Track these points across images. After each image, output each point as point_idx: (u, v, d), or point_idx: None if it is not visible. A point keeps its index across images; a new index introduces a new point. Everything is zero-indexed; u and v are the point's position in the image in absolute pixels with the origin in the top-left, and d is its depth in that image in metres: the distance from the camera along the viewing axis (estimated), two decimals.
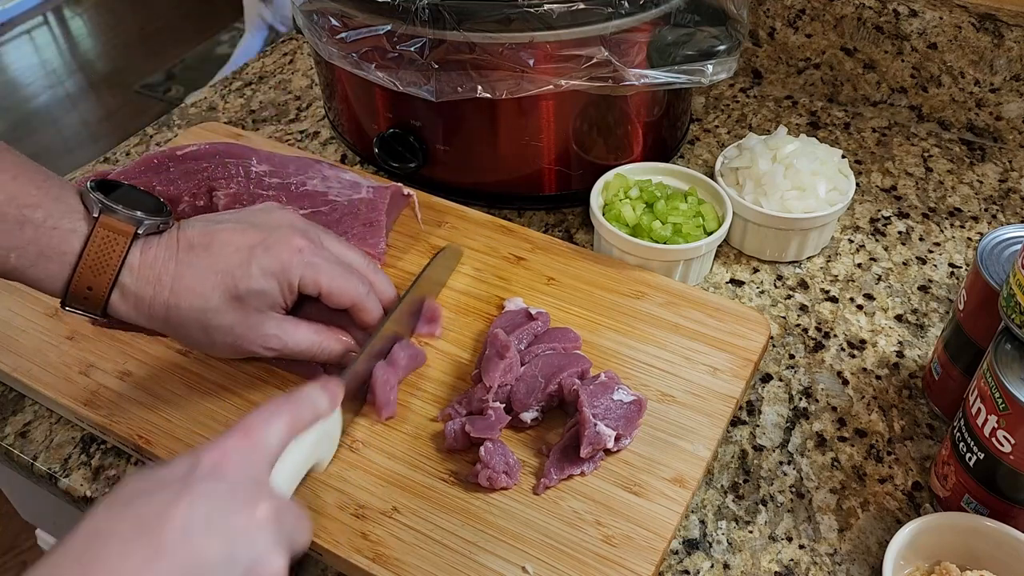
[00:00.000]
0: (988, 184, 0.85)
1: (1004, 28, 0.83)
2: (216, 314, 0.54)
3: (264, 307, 0.55)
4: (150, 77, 3.08)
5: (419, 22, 0.66)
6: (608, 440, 0.55)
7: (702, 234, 0.71)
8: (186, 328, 0.54)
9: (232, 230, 0.55)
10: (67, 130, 2.89)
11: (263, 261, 0.54)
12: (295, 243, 0.56)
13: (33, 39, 3.41)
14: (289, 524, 0.43)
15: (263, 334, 0.56)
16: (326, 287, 0.56)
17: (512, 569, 0.51)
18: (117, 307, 0.53)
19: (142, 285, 0.53)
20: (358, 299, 0.58)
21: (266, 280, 0.54)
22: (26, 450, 0.63)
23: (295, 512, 0.44)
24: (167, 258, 0.53)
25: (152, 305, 0.53)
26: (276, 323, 0.56)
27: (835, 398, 0.66)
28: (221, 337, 0.55)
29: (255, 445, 0.44)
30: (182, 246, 0.54)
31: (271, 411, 0.46)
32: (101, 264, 0.51)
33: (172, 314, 0.53)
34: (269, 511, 0.41)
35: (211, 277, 0.53)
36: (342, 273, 0.57)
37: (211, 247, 0.54)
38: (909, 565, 0.53)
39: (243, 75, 1.05)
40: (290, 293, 0.56)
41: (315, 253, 0.56)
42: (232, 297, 0.54)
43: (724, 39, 0.70)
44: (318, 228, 0.60)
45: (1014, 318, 0.50)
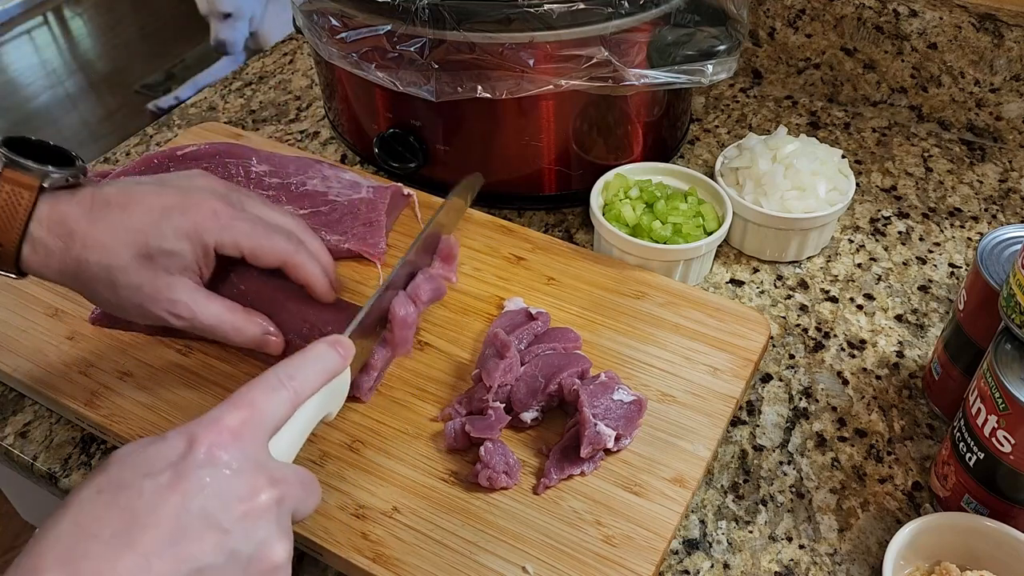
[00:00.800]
0: (988, 184, 0.85)
1: (1004, 28, 0.83)
2: (124, 272, 0.53)
3: (175, 270, 0.54)
4: (150, 77, 3.08)
5: (419, 22, 0.66)
6: (608, 440, 0.55)
7: (702, 234, 0.72)
8: (95, 284, 0.54)
9: (150, 191, 0.55)
10: (67, 130, 2.89)
11: (177, 221, 0.54)
12: (211, 205, 0.55)
13: (33, 39, 3.41)
14: (293, 497, 0.41)
15: (171, 299, 0.55)
16: (246, 246, 0.56)
17: (512, 569, 0.51)
18: (29, 260, 0.53)
19: (52, 239, 0.52)
20: (285, 255, 0.57)
21: (178, 241, 0.54)
22: (26, 450, 0.63)
23: (299, 480, 0.42)
24: (80, 214, 0.53)
25: (63, 259, 0.53)
26: (187, 291, 0.55)
27: (835, 398, 0.66)
28: (128, 296, 0.54)
29: (255, 421, 0.41)
30: (97, 203, 0.53)
31: (276, 381, 0.43)
32: (7, 218, 0.51)
33: (82, 269, 0.53)
34: (270, 497, 0.39)
35: (123, 234, 0.53)
36: (263, 231, 0.56)
37: (127, 206, 0.53)
38: (909, 565, 0.53)
39: (243, 75, 1.05)
40: (205, 257, 0.55)
41: (233, 216, 0.56)
42: (142, 255, 0.53)
43: (724, 39, 0.70)
44: (241, 192, 0.59)
45: (1014, 318, 0.50)
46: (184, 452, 0.39)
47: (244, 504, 0.38)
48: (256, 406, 0.42)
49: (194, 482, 0.38)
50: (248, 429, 0.41)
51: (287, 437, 0.44)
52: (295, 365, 0.45)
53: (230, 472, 0.39)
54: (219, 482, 0.38)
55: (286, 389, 0.44)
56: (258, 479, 0.40)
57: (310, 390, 0.45)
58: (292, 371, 0.45)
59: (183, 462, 0.38)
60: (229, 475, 0.39)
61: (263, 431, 0.42)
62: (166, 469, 0.38)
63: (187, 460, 0.38)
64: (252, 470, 0.40)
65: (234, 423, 0.40)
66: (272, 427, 0.42)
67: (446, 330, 0.66)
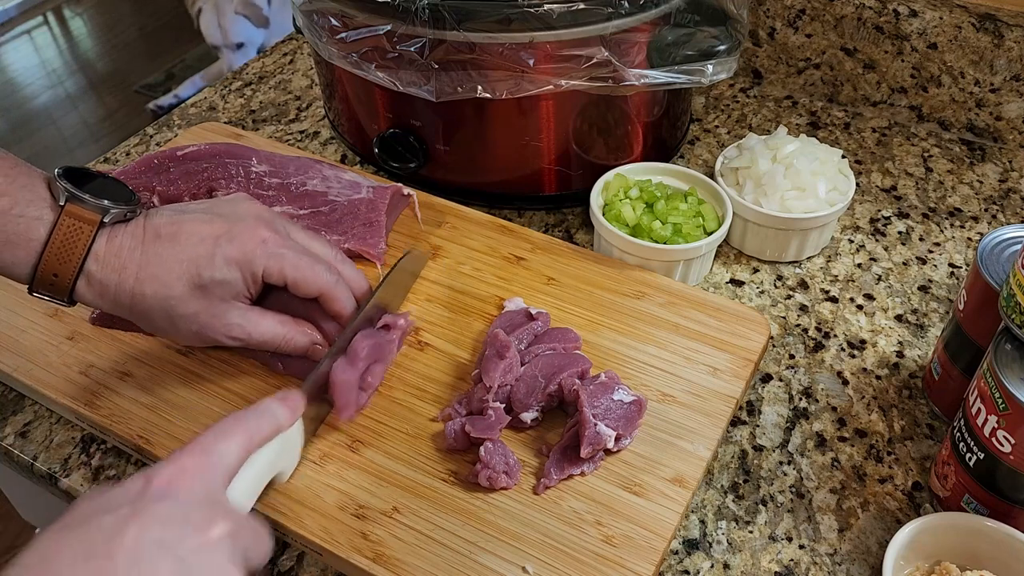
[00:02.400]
0: (988, 184, 0.85)
1: (1004, 28, 0.83)
2: (180, 302, 0.54)
3: (228, 296, 0.56)
4: (150, 77, 3.08)
5: (419, 22, 0.66)
6: (608, 440, 0.55)
7: (702, 234, 0.72)
8: (151, 316, 0.55)
9: (198, 220, 0.56)
10: (67, 130, 2.89)
11: (227, 250, 0.55)
12: (260, 234, 0.56)
13: (33, 39, 3.41)
14: (246, 540, 0.42)
15: (227, 323, 0.56)
16: (291, 276, 0.57)
17: (512, 569, 0.51)
18: (83, 294, 0.54)
19: (107, 273, 0.53)
20: (325, 288, 0.58)
21: (229, 269, 0.55)
22: (26, 450, 0.63)
23: (253, 528, 0.43)
24: (133, 246, 0.54)
25: (117, 292, 0.54)
26: (240, 313, 0.57)
27: (835, 398, 0.66)
28: (185, 325, 0.56)
29: (210, 463, 0.44)
30: (148, 235, 0.54)
31: (227, 427, 0.46)
32: (66, 252, 0.52)
33: (137, 302, 0.54)
34: (224, 531, 0.41)
35: (176, 266, 0.54)
36: (308, 263, 0.58)
37: (177, 237, 0.54)
38: (909, 565, 0.53)
39: (243, 75, 1.05)
40: (254, 283, 0.57)
41: (280, 244, 0.57)
42: (196, 286, 0.54)
43: (724, 39, 0.70)
44: (285, 220, 0.60)
45: (1014, 318, 0.50)
46: (141, 489, 0.41)
47: (199, 535, 0.40)
48: (209, 450, 0.44)
49: (150, 514, 0.39)
50: (203, 468, 0.43)
51: (240, 487, 0.46)
52: (246, 415, 0.48)
53: (185, 505, 0.41)
54: (174, 514, 0.40)
55: (238, 434, 0.46)
56: (213, 512, 0.41)
57: (261, 437, 0.48)
58: (243, 420, 0.47)
59: (140, 498, 0.40)
60: (184, 508, 0.41)
61: (217, 471, 0.44)
62: (124, 505, 0.40)
63: (144, 496, 0.40)
64: (207, 505, 0.42)
65: (189, 463, 0.43)
66: (227, 469, 0.45)
67: (446, 330, 0.66)
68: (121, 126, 2.86)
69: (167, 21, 3.43)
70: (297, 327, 0.60)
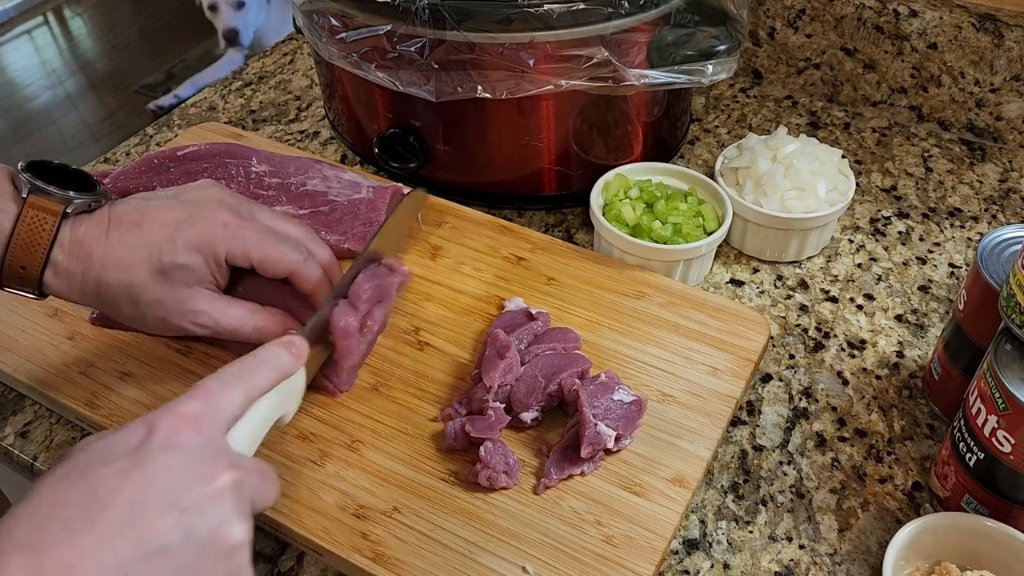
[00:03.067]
0: (988, 184, 0.85)
1: (1004, 28, 0.83)
2: (144, 289, 0.54)
3: (191, 282, 0.56)
4: (150, 77, 3.08)
5: (419, 22, 0.66)
6: (608, 440, 0.55)
7: (702, 234, 0.72)
8: (117, 303, 0.55)
9: (160, 207, 0.56)
10: (67, 130, 2.89)
11: (187, 235, 0.55)
12: (220, 217, 0.56)
13: (33, 39, 3.41)
14: (252, 486, 0.41)
15: (192, 310, 0.56)
16: (256, 257, 0.57)
17: (512, 569, 0.51)
18: (51, 284, 0.54)
19: (73, 262, 0.53)
20: (293, 266, 0.58)
21: (190, 254, 0.55)
22: (26, 450, 0.63)
23: (258, 470, 0.43)
24: (97, 234, 0.54)
25: (84, 281, 0.54)
26: (206, 299, 0.57)
27: (835, 398, 0.66)
28: (151, 312, 0.55)
29: (212, 411, 0.42)
30: (112, 223, 0.54)
31: (230, 374, 0.45)
32: (32, 243, 0.52)
33: (103, 290, 0.54)
34: (228, 480, 0.40)
35: (139, 252, 0.54)
36: (272, 242, 0.57)
37: (140, 224, 0.54)
38: (909, 565, 0.53)
39: (243, 75, 1.05)
40: (218, 267, 0.56)
41: (242, 226, 0.57)
42: (158, 271, 0.54)
43: (724, 39, 0.70)
44: (251, 203, 0.60)
45: (1014, 318, 0.50)
46: (143, 438, 0.40)
47: (202, 485, 0.39)
48: (212, 396, 0.43)
49: (152, 465, 0.38)
50: (205, 417, 0.42)
51: (244, 431, 0.45)
52: (250, 361, 0.47)
53: (188, 455, 0.40)
54: (177, 464, 0.39)
55: (240, 381, 0.45)
56: (216, 462, 0.40)
57: (264, 386, 0.47)
58: (246, 366, 0.46)
59: (142, 448, 0.39)
60: (187, 458, 0.40)
61: (220, 420, 0.43)
62: (126, 455, 0.39)
63: (146, 445, 0.39)
64: (210, 454, 0.41)
65: (192, 411, 0.42)
66: (228, 417, 0.44)
67: (446, 330, 0.66)
68: (121, 126, 2.86)
69: (167, 21, 3.43)
70: (268, 315, 0.59)
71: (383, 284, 0.60)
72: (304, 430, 0.59)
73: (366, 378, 0.63)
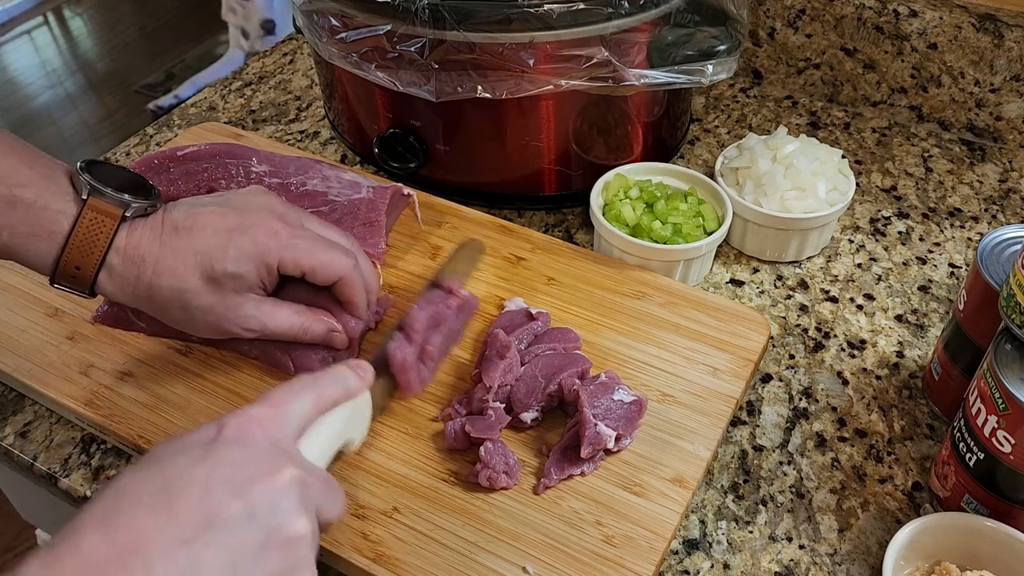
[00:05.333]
0: (988, 184, 0.85)
1: (1004, 28, 0.83)
2: (195, 295, 0.55)
3: (242, 289, 0.56)
4: (150, 77, 3.08)
5: (419, 22, 0.66)
6: (608, 440, 0.55)
7: (702, 234, 0.72)
8: (168, 308, 0.56)
9: (212, 213, 0.56)
10: (67, 130, 2.89)
11: (240, 243, 0.55)
12: (272, 226, 0.56)
13: (33, 39, 3.41)
14: (318, 491, 0.43)
15: (242, 315, 0.57)
16: (307, 265, 0.57)
17: (512, 569, 0.51)
18: (104, 286, 0.54)
19: (128, 266, 0.54)
20: (343, 272, 0.58)
21: (242, 263, 0.55)
22: (26, 450, 0.63)
23: (326, 480, 0.44)
24: (151, 239, 0.54)
25: (136, 285, 0.54)
26: (255, 304, 0.57)
27: (835, 398, 0.66)
28: (201, 317, 0.56)
29: (280, 415, 0.44)
30: (166, 228, 0.55)
31: (299, 386, 0.47)
32: (89, 245, 0.53)
33: (154, 294, 0.55)
34: (293, 476, 0.41)
35: (190, 259, 0.54)
36: (323, 249, 0.58)
37: (192, 229, 0.55)
38: (909, 565, 0.53)
39: (243, 75, 1.05)
40: (268, 275, 0.57)
41: (292, 234, 0.57)
42: (209, 279, 0.55)
43: (724, 39, 0.70)
44: (299, 211, 0.61)
45: (1014, 318, 0.50)
46: (215, 435, 0.42)
47: (268, 478, 0.41)
48: (281, 404, 0.45)
49: (222, 456, 0.41)
50: (274, 420, 0.44)
51: (312, 445, 0.46)
52: (319, 376, 0.49)
53: (254, 450, 0.42)
54: (243, 456, 0.41)
55: (309, 391, 0.47)
56: (281, 459, 0.42)
57: (331, 399, 0.49)
58: (315, 380, 0.48)
59: (213, 442, 0.41)
60: (253, 452, 0.42)
61: (288, 424, 0.45)
62: (198, 447, 0.41)
63: (217, 440, 0.42)
64: (275, 451, 0.43)
65: (260, 414, 0.44)
66: (297, 423, 0.45)
67: None
68: (121, 126, 2.86)
69: (167, 21, 3.43)
70: (313, 315, 0.60)
71: (439, 311, 0.62)
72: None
73: None
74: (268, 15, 2.64)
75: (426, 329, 0.60)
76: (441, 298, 0.63)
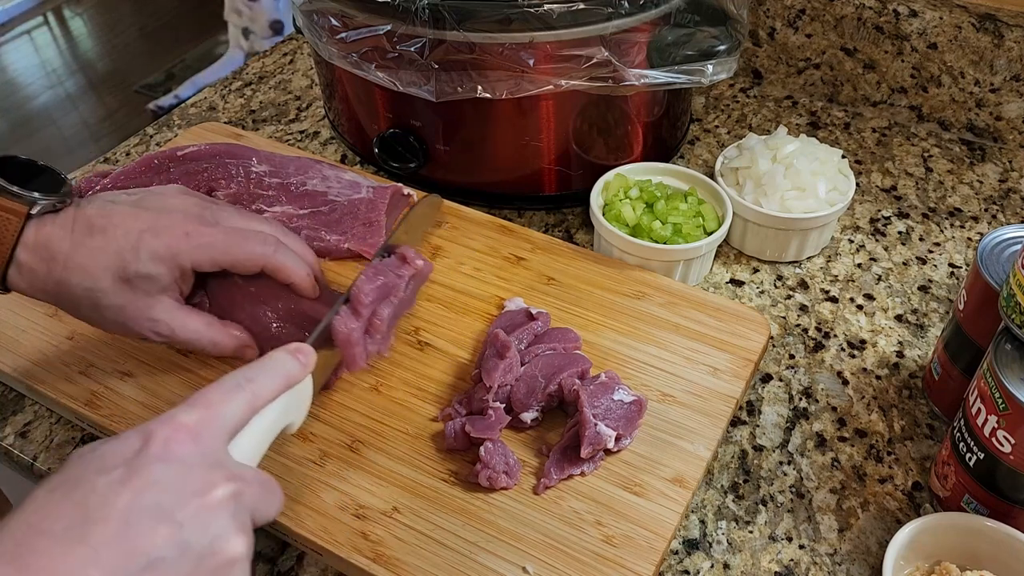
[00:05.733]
0: (988, 184, 0.85)
1: (1004, 28, 0.83)
2: (105, 294, 0.55)
3: (154, 291, 0.56)
4: (150, 77, 3.08)
5: (419, 22, 0.66)
6: (608, 440, 0.55)
7: (702, 234, 0.72)
8: (77, 305, 0.56)
9: (126, 213, 0.56)
10: (67, 130, 2.89)
11: (151, 245, 0.55)
12: (183, 227, 0.56)
13: (33, 39, 3.41)
14: (252, 497, 0.40)
15: (151, 318, 0.56)
16: (224, 261, 0.57)
17: (512, 569, 0.51)
18: (14, 282, 0.55)
19: (37, 262, 0.54)
20: (262, 260, 0.58)
21: (154, 265, 0.55)
22: (26, 450, 0.63)
23: (260, 482, 0.42)
24: (62, 237, 0.54)
25: (46, 281, 0.54)
26: (166, 309, 0.57)
27: (835, 398, 0.66)
28: (112, 316, 0.56)
29: (212, 419, 0.41)
30: (78, 226, 0.55)
31: (234, 382, 0.44)
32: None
33: (63, 290, 0.55)
34: (225, 493, 0.39)
35: (102, 258, 0.54)
36: (237, 242, 0.57)
37: (106, 229, 0.55)
38: (909, 565, 0.53)
39: (243, 75, 1.05)
40: (183, 277, 0.57)
41: (204, 234, 0.57)
42: (121, 279, 0.55)
43: (724, 39, 0.70)
44: (217, 205, 0.60)
45: (1014, 318, 0.50)
46: (139, 449, 0.38)
47: (198, 498, 0.38)
48: (213, 406, 0.42)
49: (147, 476, 0.37)
50: (205, 427, 0.41)
51: (248, 441, 0.44)
52: (255, 369, 0.46)
53: (185, 467, 0.39)
54: (173, 476, 0.38)
55: (244, 391, 0.44)
56: (213, 474, 0.39)
57: (269, 394, 0.46)
58: (251, 375, 0.45)
59: (137, 458, 0.38)
60: (183, 470, 0.39)
61: (220, 430, 0.42)
62: (120, 465, 0.38)
63: (141, 456, 0.38)
64: (208, 465, 0.40)
65: (190, 421, 0.40)
66: (230, 428, 0.42)
67: (446, 330, 0.66)
68: (121, 126, 2.86)
69: (167, 21, 3.43)
70: (223, 328, 0.59)
71: (389, 281, 0.59)
72: (304, 430, 0.59)
73: (366, 378, 0.63)
74: (276, 16, 2.65)
75: (374, 301, 0.57)
76: (393, 266, 0.60)
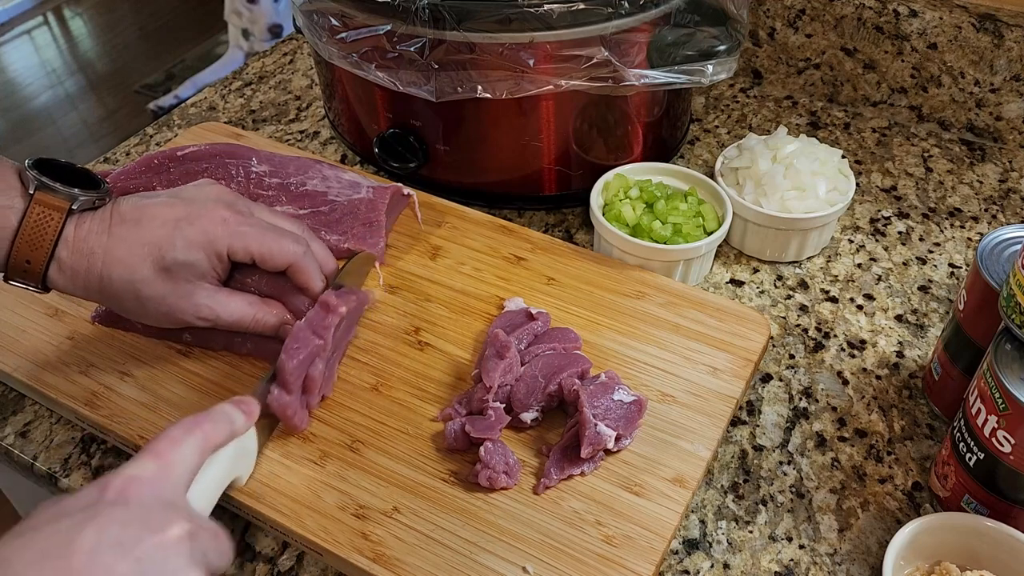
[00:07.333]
0: (988, 184, 0.85)
1: (1004, 28, 0.83)
2: (146, 285, 0.55)
3: (193, 278, 0.57)
4: (150, 77, 3.08)
5: (419, 22, 0.66)
6: (608, 440, 0.55)
7: (702, 234, 0.72)
8: (120, 298, 0.56)
9: (161, 204, 0.57)
10: (67, 130, 2.89)
11: (188, 233, 0.56)
12: (219, 214, 0.57)
13: (33, 39, 3.41)
14: (206, 543, 0.42)
15: (195, 303, 0.57)
16: (257, 252, 0.58)
17: (512, 569, 0.51)
18: (55, 279, 0.55)
19: (77, 258, 0.54)
20: (293, 258, 0.59)
21: (191, 251, 0.56)
22: (26, 450, 0.63)
23: (212, 531, 0.43)
24: (100, 231, 0.55)
25: (87, 277, 0.55)
26: (208, 293, 0.58)
27: (835, 398, 0.66)
28: (154, 306, 0.57)
29: (165, 468, 0.44)
30: (114, 220, 0.55)
31: (182, 432, 0.46)
32: (37, 239, 0.53)
33: (105, 285, 0.55)
34: (182, 531, 0.40)
35: (139, 249, 0.55)
36: (273, 236, 0.58)
37: (140, 221, 0.55)
38: (909, 565, 0.53)
39: (243, 75, 1.05)
40: (219, 263, 0.58)
41: (241, 222, 0.58)
42: (160, 268, 0.55)
43: (724, 39, 0.70)
44: (249, 201, 0.61)
45: (1014, 318, 0.50)
46: (97, 497, 0.41)
47: (156, 535, 0.40)
48: (163, 455, 0.44)
49: (106, 517, 0.39)
50: (159, 476, 0.43)
51: (198, 491, 0.46)
52: (201, 418, 0.48)
53: (143, 508, 0.41)
54: (132, 516, 0.40)
55: (193, 435, 0.46)
56: (170, 514, 0.41)
57: (217, 440, 0.48)
58: (198, 422, 0.47)
59: (96, 505, 0.40)
60: (139, 510, 0.40)
61: (174, 477, 0.44)
62: (80, 511, 0.39)
63: (100, 501, 0.40)
64: (162, 507, 0.42)
65: (145, 472, 0.43)
66: (183, 474, 0.45)
67: (446, 330, 0.66)
68: (121, 126, 2.86)
69: (167, 21, 3.43)
70: (266, 307, 0.60)
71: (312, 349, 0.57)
72: (304, 430, 0.59)
73: (366, 378, 0.63)
74: (276, 19, 2.65)
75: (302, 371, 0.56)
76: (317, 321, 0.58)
